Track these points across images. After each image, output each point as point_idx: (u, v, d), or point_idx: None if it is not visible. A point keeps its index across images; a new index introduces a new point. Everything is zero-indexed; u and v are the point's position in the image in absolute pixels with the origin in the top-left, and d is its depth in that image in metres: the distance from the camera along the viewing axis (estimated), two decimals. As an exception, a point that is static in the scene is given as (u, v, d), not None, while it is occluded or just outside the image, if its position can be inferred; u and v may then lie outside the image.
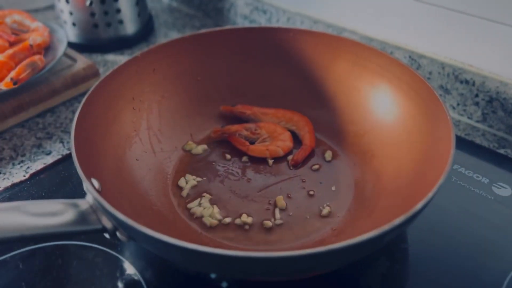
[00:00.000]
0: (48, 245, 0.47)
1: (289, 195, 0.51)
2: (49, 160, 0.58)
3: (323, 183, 0.53)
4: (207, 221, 0.48)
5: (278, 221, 0.48)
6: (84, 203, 0.40)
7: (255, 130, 0.58)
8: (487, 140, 0.60)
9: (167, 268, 0.45)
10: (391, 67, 0.54)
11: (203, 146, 0.57)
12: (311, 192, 0.52)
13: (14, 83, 0.59)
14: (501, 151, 0.59)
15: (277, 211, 0.49)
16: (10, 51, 0.62)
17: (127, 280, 0.44)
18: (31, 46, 0.64)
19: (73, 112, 0.65)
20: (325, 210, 0.49)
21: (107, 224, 0.40)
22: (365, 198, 0.50)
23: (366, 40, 0.68)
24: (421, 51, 0.64)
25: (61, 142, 0.61)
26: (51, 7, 0.90)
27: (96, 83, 0.50)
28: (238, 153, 0.57)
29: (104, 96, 0.51)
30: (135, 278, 0.44)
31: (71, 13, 0.75)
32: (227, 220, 0.48)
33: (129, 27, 0.79)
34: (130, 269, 0.45)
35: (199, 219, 0.49)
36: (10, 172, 0.56)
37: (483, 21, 0.58)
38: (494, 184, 0.53)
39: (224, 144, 0.58)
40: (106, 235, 0.41)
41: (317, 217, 0.49)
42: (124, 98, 0.54)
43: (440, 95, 0.58)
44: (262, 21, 0.81)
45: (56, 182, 0.54)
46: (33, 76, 0.61)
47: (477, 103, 0.61)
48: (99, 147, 0.48)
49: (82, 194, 0.41)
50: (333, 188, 0.52)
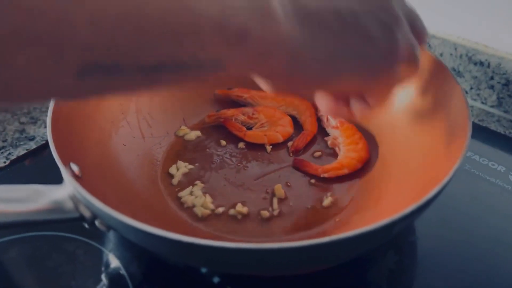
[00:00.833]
0: (26, 236, 0.43)
1: (289, 183, 0.48)
2: (32, 146, 0.54)
3: (326, 171, 0.49)
4: (199, 211, 0.44)
5: (276, 211, 0.45)
6: (60, 190, 0.36)
7: (252, 115, 0.54)
8: (502, 126, 0.56)
9: (154, 262, 0.41)
10: (400, 46, 0.50)
11: (197, 132, 0.53)
12: (312, 181, 0.48)
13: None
14: (518, 138, 0.55)
15: (275, 200, 0.46)
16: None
17: (110, 274, 0.40)
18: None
19: (61, 96, 0.61)
20: (327, 200, 0.45)
21: (85, 212, 0.36)
22: (371, 187, 0.46)
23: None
24: (431, 31, 0.60)
25: (46, 127, 0.57)
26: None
27: (80, 61, 0.46)
28: (234, 139, 0.53)
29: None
30: (119, 272, 0.41)
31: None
32: (220, 210, 0.45)
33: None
34: (114, 262, 0.41)
35: (190, 209, 0.45)
36: (-10, 158, 0.53)
37: (500, -3, 0.54)
38: (511, 173, 0.49)
39: (219, 130, 0.54)
40: (85, 225, 0.37)
41: (319, 208, 0.45)
42: (111, 79, 0.50)
43: (453, 77, 0.54)
44: None
45: (38, 169, 0.51)
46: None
47: (492, 87, 0.57)
48: (81, 130, 0.44)
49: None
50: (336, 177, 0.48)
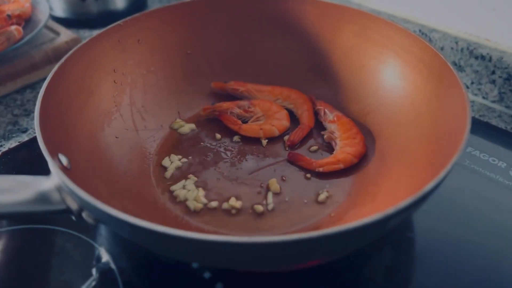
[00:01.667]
0: (14, 229, 0.42)
1: (284, 178, 0.47)
2: (25, 138, 0.53)
3: (322, 166, 0.47)
4: (191, 204, 0.43)
5: (270, 206, 0.44)
6: (47, 181, 0.35)
7: (248, 108, 0.53)
8: (504, 122, 0.55)
9: (145, 256, 0.40)
10: (400, 38, 0.49)
11: (191, 125, 0.52)
12: (308, 175, 0.47)
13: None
14: (520, 133, 0.53)
15: (270, 195, 0.45)
16: (-15, 22, 0.58)
17: (99, 268, 0.39)
18: (9, 17, 0.60)
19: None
20: (323, 195, 0.44)
21: (72, 204, 0.35)
22: (367, 182, 0.45)
23: (373, 13, 0.63)
24: (432, 25, 0.59)
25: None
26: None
27: (72, 50, 0.45)
28: (229, 132, 0.52)
29: (80, 66, 0.46)
30: (109, 266, 0.40)
31: (56, -15, 0.70)
32: (214, 204, 0.44)
33: (119, 1, 0.74)
34: (103, 256, 0.40)
35: (182, 203, 0.44)
36: (-19, 150, 0.52)
37: (502, -11, 0.53)
38: (512, 169, 0.48)
39: (214, 123, 0.53)
40: (72, 217, 0.36)
41: (314, 202, 0.44)
42: (103, 70, 0.49)
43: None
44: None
45: (29, 161, 0.50)
46: (9, 48, 0.56)
47: (493, 81, 0.56)
48: (72, 122, 0.43)
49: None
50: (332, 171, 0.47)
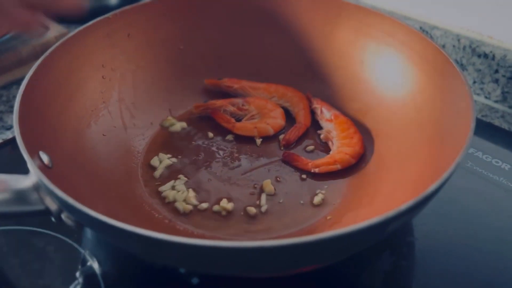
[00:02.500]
0: (-8, 230, 0.40)
1: (278, 178, 0.45)
2: (9, 135, 0.51)
3: (318, 166, 0.46)
4: (180, 206, 0.41)
5: (263, 208, 0.42)
6: (25, 180, 0.33)
7: (242, 106, 0.51)
8: (507, 122, 0.53)
9: (130, 261, 0.38)
10: (400, 34, 0.47)
11: (182, 124, 0.50)
12: (304, 176, 0.45)
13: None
14: (524, 134, 0.52)
15: (264, 196, 0.43)
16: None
17: (81, 272, 0.37)
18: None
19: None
20: (319, 197, 0.42)
21: (51, 205, 0.33)
22: (366, 184, 0.43)
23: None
24: (433, 22, 0.57)
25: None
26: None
27: (57, 43, 0.43)
28: (222, 131, 0.50)
29: (66, 60, 0.44)
30: (92, 270, 0.37)
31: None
32: (204, 205, 0.42)
33: (112, -4, 0.72)
34: (86, 259, 0.38)
35: (171, 204, 0.42)
36: (-37, 148, 0.50)
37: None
38: (516, 171, 0.46)
39: (206, 121, 0.51)
40: (52, 219, 0.34)
41: (310, 205, 0.42)
42: (91, 64, 0.47)
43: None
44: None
45: (14, 159, 0.47)
46: (-6, 41, 0.54)
47: (496, 80, 0.54)
48: (56, 118, 0.41)
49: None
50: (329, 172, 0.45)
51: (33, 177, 0.33)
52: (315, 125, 0.50)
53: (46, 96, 0.41)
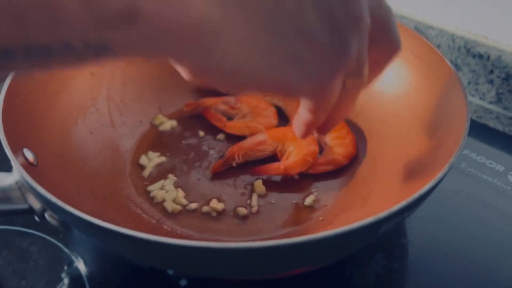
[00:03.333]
0: (-25, 230, 0.39)
1: (270, 178, 0.44)
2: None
3: (311, 167, 0.45)
4: (169, 206, 0.40)
5: (254, 209, 0.41)
6: (7, 177, 0.32)
7: (234, 105, 0.50)
8: (501, 124, 0.53)
9: (117, 262, 0.38)
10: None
11: (173, 122, 0.49)
12: (296, 176, 0.44)
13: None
14: (518, 136, 0.51)
15: (255, 197, 0.42)
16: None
17: (66, 273, 0.36)
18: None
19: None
20: (311, 198, 0.42)
21: (35, 204, 0.32)
22: (358, 184, 0.42)
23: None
24: (428, 21, 0.57)
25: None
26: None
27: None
28: (213, 130, 0.49)
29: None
30: (77, 271, 0.36)
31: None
32: (193, 206, 0.41)
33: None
34: (71, 260, 0.37)
35: (160, 204, 0.41)
36: None
37: (502, -15, 0.51)
38: (510, 172, 0.46)
39: (197, 120, 0.50)
40: (36, 218, 0.33)
41: (302, 206, 0.41)
42: (79, 61, 0.46)
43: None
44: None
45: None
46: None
47: (491, 81, 0.53)
48: (43, 114, 0.40)
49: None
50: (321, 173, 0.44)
51: (15, 175, 0.32)
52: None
53: (32, 93, 0.40)
